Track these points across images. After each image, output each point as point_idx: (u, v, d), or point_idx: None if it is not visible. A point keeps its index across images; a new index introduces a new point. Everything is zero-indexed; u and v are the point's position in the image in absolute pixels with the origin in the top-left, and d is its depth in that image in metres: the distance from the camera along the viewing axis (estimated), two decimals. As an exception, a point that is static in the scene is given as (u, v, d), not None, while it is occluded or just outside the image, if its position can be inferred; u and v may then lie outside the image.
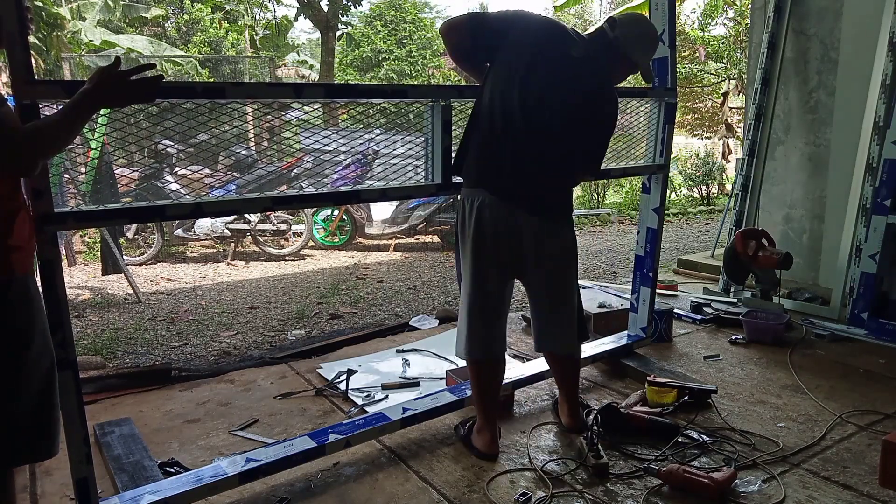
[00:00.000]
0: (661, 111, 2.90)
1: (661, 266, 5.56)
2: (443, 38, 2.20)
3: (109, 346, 3.82)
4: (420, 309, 4.55)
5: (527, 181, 2.09)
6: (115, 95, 1.50)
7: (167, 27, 14.81)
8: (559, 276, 2.25)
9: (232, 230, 6.71)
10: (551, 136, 2.08)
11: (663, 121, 2.89)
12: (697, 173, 10.87)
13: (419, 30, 18.35)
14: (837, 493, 2.02)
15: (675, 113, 2.94)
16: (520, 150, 2.07)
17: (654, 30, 2.28)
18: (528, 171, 2.08)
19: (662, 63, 2.86)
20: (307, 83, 2.87)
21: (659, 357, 3.16)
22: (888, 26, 3.61)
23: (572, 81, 2.10)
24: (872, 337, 3.37)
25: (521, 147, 2.07)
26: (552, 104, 2.07)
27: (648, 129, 2.94)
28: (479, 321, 2.21)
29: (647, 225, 3.04)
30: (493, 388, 2.30)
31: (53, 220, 1.58)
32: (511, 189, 2.09)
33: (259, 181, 4.33)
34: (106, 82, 1.47)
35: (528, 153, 2.07)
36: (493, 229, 2.11)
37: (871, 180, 3.64)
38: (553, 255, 2.21)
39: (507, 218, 2.10)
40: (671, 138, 2.94)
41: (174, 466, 2.20)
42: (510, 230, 2.12)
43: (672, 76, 2.86)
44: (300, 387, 2.94)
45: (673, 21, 2.83)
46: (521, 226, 2.11)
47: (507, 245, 2.13)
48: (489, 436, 2.26)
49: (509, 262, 2.18)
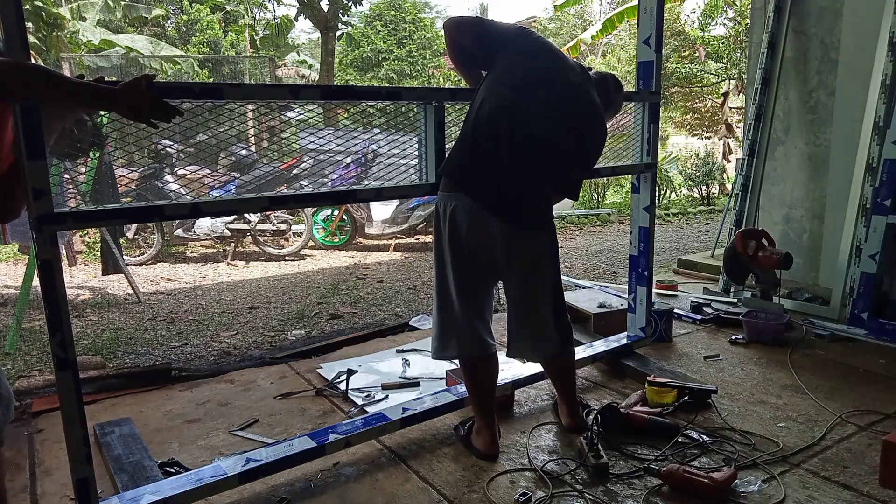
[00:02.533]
0: (646, 112, 2.95)
1: (662, 266, 5.58)
2: (445, 34, 2.21)
3: (109, 346, 3.83)
4: (420, 309, 4.55)
5: (503, 188, 2.08)
6: (131, 105, 1.50)
7: (167, 27, 14.81)
8: (527, 285, 2.21)
9: (232, 230, 6.72)
10: (534, 149, 2.08)
11: (648, 120, 2.95)
12: (697, 173, 10.87)
13: (419, 30, 18.37)
14: (837, 493, 2.02)
15: (659, 113, 3.00)
16: (501, 158, 2.06)
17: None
18: (505, 178, 2.07)
19: (648, 67, 2.93)
20: (304, 85, 2.88)
21: (659, 357, 3.16)
22: (888, 26, 3.61)
23: (564, 102, 2.12)
24: (872, 337, 3.37)
25: (503, 155, 2.06)
26: (540, 119, 2.07)
27: (635, 130, 3.00)
28: (463, 317, 2.18)
29: (639, 224, 3.06)
30: (487, 386, 2.29)
31: (53, 220, 1.58)
32: (486, 194, 2.08)
33: (258, 181, 4.33)
34: (131, 91, 1.48)
35: (509, 162, 2.06)
36: (468, 230, 2.10)
37: (871, 180, 3.64)
38: (522, 264, 2.17)
39: (481, 221, 2.09)
40: (657, 137, 3.00)
41: (174, 466, 2.20)
42: (483, 233, 2.11)
43: (657, 80, 2.93)
44: (300, 387, 2.94)
45: (660, 25, 2.91)
46: (494, 231, 2.10)
47: (480, 247, 2.13)
48: (489, 436, 2.25)
49: (485, 263, 2.17)
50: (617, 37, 18.05)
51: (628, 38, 17.84)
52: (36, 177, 1.54)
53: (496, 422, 2.31)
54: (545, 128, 2.08)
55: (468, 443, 2.31)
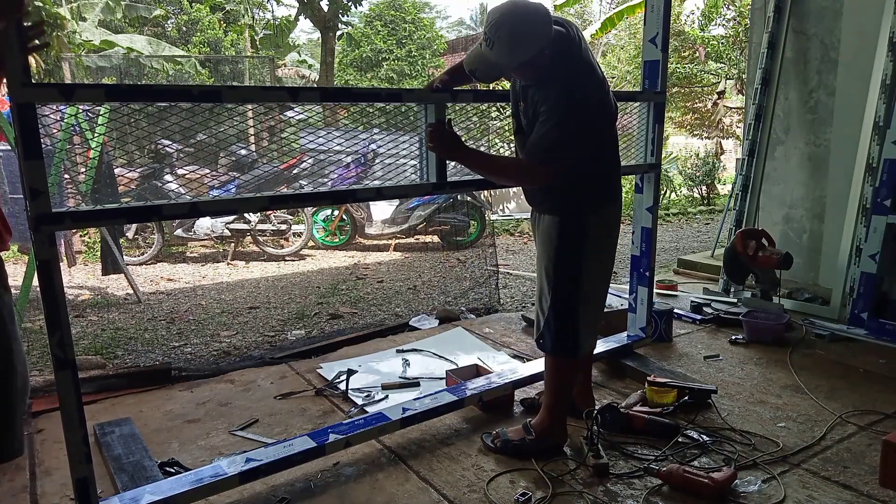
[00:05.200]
0: (651, 112, 2.93)
1: (662, 266, 5.58)
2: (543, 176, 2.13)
3: (109, 346, 3.82)
4: (420, 309, 4.55)
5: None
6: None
7: (167, 27, 14.81)
8: (538, 260, 2.28)
9: (232, 230, 6.71)
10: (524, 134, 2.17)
11: (653, 121, 2.94)
12: (697, 173, 10.86)
13: (419, 30, 18.36)
14: (837, 493, 2.02)
15: (664, 113, 2.99)
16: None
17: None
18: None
19: (653, 66, 2.91)
20: (302, 87, 2.89)
21: (659, 357, 3.16)
22: (888, 26, 3.61)
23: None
24: (872, 337, 3.37)
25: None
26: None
27: (640, 130, 2.98)
28: (600, 313, 2.37)
29: (641, 224, 3.05)
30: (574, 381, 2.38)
31: (51, 219, 1.58)
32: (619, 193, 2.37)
33: (258, 181, 4.33)
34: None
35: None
36: (616, 227, 2.36)
37: (871, 180, 3.64)
38: (538, 240, 2.27)
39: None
40: (661, 138, 2.98)
41: (174, 466, 2.20)
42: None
43: (662, 79, 2.90)
44: (300, 387, 2.93)
45: (667, 24, 2.88)
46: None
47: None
48: (565, 426, 2.31)
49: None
50: (617, 36, 18.05)
51: (628, 38, 17.84)
52: (33, 176, 1.54)
53: None
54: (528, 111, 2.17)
55: (543, 444, 2.25)
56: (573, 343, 2.21)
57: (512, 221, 8.82)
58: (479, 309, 4.34)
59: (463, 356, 3.24)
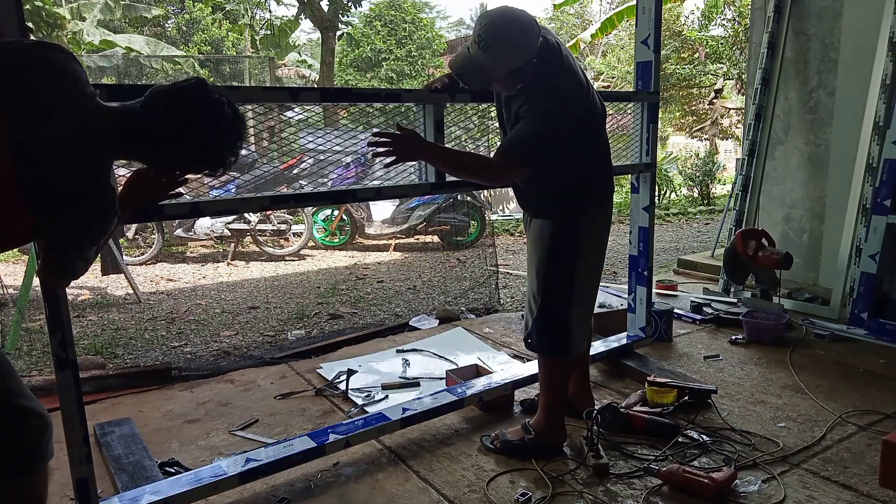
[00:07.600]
0: (645, 112, 2.95)
1: (662, 266, 5.58)
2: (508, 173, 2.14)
3: (109, 346, 3.82)
4: (420, 309, 4.55)
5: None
6: (146, 196, 1.58)
7: (167, 27, 14.81)
8: (529, 262, 2.29)
9: (232, 230, 6.72)
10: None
11: (647, 121, 2.95)
12: (697, 173, 10.87)
13: (419, 30, 18.37)
14: (837, 493, 2.02)
15: (658, 113, 3.00)
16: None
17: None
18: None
19: (646, 67, 2.93)
20: (302, 87, 2.89)
21: (659, 357, 3.16)
22: (888, 26, 3.61)
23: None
24: (872, 337, 3.37)
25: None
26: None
27: (634, 130, 2.99)
28: (591, 314, 2.39)
29: (638, 224, 3.06)
30: (568, 381, 2.39)
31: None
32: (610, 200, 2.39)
33: (258, 181, 4.32)
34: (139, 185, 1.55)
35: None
36: (607, 230, 2.38)
37: (871, 180, 3.64)
38: (529, 241, 2.29)
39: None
40: (656, 138, 3.00)
41: (174, 466, 2.20)
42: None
43: (655, 80, 2.93)
44: (300, 387, 2.93)
45: (658, 26, 2.91)
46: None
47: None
48: (563, 425, 2.31)
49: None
50: (617, 37, 18.05)
51: (628, 38, 17.84)
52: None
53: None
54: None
55: (540, 444, 2.25)
56: (564, 343, 2.22)
57: (512, 221, 8.82)
58: (479, 309, 4.34)
59: (463, 356, 3.24)
